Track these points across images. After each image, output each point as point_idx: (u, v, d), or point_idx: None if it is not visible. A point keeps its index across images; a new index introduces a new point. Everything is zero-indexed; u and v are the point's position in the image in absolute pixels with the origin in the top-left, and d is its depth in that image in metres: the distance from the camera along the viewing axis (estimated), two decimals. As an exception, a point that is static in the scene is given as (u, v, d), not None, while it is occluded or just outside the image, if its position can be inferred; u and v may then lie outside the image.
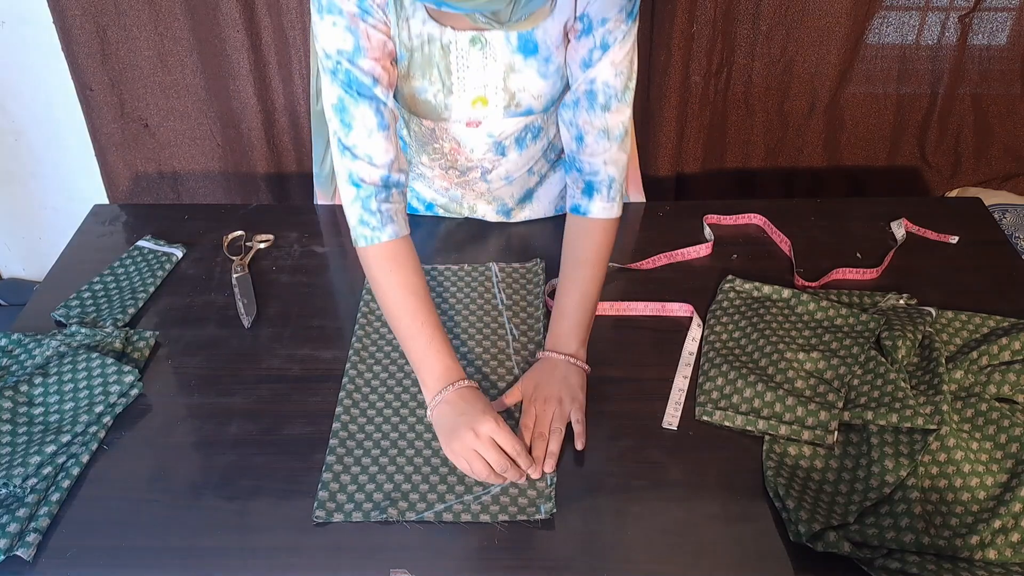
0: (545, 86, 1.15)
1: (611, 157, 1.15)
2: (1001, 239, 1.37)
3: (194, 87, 1.83)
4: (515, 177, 1.33)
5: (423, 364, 1.07)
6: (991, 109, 1.87)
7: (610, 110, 1.12)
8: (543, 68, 1.12)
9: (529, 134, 1.25)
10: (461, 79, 1.12)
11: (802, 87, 1.84)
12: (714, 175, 1.97)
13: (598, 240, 1.18)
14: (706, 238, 1.38)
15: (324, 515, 0.98)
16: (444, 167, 1.29)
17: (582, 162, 1.16)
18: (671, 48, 1.74)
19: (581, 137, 1.15)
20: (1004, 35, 1.80)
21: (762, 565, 0.93)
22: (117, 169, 1.94)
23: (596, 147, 1.14)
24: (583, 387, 1.10)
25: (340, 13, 1.03)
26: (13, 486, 0.98)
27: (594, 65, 1.10)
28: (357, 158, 1.08)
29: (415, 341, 1.07)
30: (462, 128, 1.19)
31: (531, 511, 0.98)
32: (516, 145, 1.26)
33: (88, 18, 1.73)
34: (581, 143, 1.15)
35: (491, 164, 1.28)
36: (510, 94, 1.15)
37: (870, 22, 1.77)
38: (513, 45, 1.10)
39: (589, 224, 1.18)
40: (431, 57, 1.11)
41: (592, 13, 1.07)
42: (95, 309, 1.26)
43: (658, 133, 1.85)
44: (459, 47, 1.10)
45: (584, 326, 1.14)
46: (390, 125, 1.09)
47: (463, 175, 1.31)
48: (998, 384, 1.09)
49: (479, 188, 1.34)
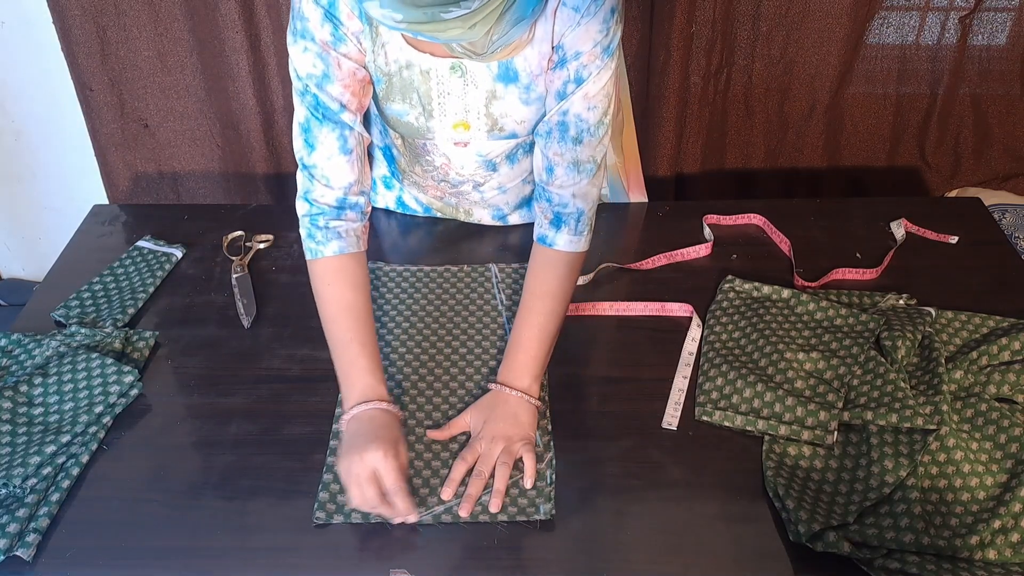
0: (528, 112, 1.13)
1: (580, 191, 1.12)
2: (1001, 239, 1.38)
3: (194, 87, 1.83)
4: (509, 187, 1.32)
5: (345, 379, 1.06)
6: (991, 109, 1.87)
7: (581, 143, 1.09)
8: (524, 95, 1.11)
9: (520, 150, 1.23)
10: (441, 104, 1.12)
11: (802, 88, 1.84)
12: (714, 175, 1.97)
13: (561, 273, 1.14)
14: (706, 238, 1.38)
15: (324, 516, 0.98)
16: (436, 179, 1.29)
17: (551, 193, 1.13)
18: (670, 48, 1.74)
19: (551, 168, 1.12)
20: (1004, 35, 1.80)
21: (762, 565, 0.93)
22: (117, 169, 1.94)
23: (566, 179, 1.11)
24: (534, 425, 1.07)
25: (313, 40, 1.03)
26: (13, 486, 0.98)
27: (568, 97, 1.07)
28: (315, 178, 1.10)
29: (341, 355, 1.07)
30: (450, 146, 1.19)
31: (531, 511, 0.98)
32: (507, 161, 1.24)
33: (88, 18, 1.73)
34: (551, 174, 1.12)
35: (483, 179, 1.27)
36: (492, 119, 1.14)
37: (870, 23, 1.77)
38: (493, 73, 1.09)
39: (554, 256, 1.14)
40: (410, 81, 1.10)
41: (567, 45, 1.04)
42: (95, 309, 1.26)
43: (657, 133, 1.85)
44: (439, 74, 1.09)
45: (540, 361, 1.10)
46: (354, 149, 1.09)
47: (455, 187, 1.30)
48: (998, 384, 1.09)
49: (473, 197, 1.34)
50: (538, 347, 1.11)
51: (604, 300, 1.24)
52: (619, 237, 1.42)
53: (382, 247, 1.41)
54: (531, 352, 1.10)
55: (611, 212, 1.50)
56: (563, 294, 1.14)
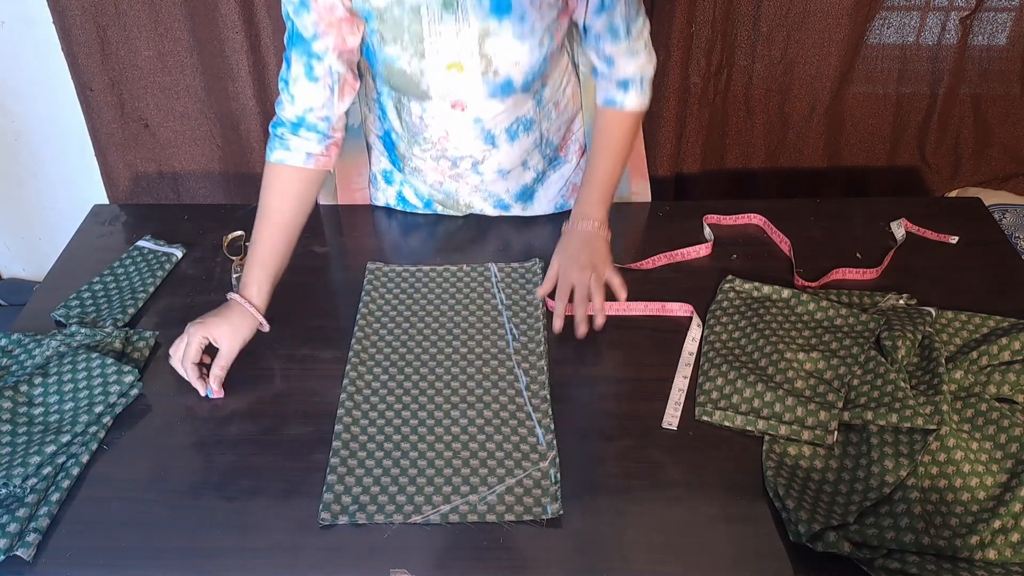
0: (523, 51, 1.16)
1: (640, 65, 1.24)
2: (1001, 239, 1.37)
3: (194, 88, 1.83)
4: (508, 171, 1.34)
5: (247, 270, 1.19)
6: (991, 110, 1.87)
7: (631, 35, 1.20)
8: (518, 28, 1.14)
9: (520, 126, 1.27)
10: (433, 44, 1.15)
11: (802, 88, 1.84)
12: (714, 175, 1.97)
13: (627, 127, 1.27)
14: (706, 238, 1.38)
15: (330, 517, 0.98)
16: (435, 157, 1.31)
17: (616, 72, 1.24)
18: (670, 49, 1.74)
19: (611, 60, 1.23)
20: (1004, 36, 1.80)
21: (762, 565, 0.93)
22: (117, 169, 1.94)
23: (627, 67, 1.23)
24: (609, 251, 1.24)
25: None
26: (13, 486, 0.98)
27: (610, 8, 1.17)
28: (282, 92, 1.20)
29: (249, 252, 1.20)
30: (447, 110, 1.21)
31: (537, 511, 0.98)
32: (507, 136, 1.28)
33: (88, 18, 1.73)
34: (612, 66, 1.23)
35: (481, 155, 1.29)
36: (486, 59, 1.16)
37: (870, 23, 1.77)
38: (486, 7, 1.11)
39: (621, 115, 1.27)
40: (400, 21, 1.13)
41: None
42: (95, 309, 1.26)
43: (657, 133, 1.85)
44: (431, 11, 1.12)
45: (610, 196, 1.28)
46: (321, 79, 1.16)
47: (454, 166, 1.32)
48: (998, 384, 1.09)
49: (472, 181, 1.35)
50: (609, 187, 1.28)
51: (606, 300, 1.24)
52: (619, 237, 1.41)
53: (382, 247, 1.41)
54: (605, 191, 1.27)
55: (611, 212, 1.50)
56: (627, 148, 1.29)
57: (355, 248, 1.39)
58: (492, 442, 1.06)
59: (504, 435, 1.07)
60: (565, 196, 1.45)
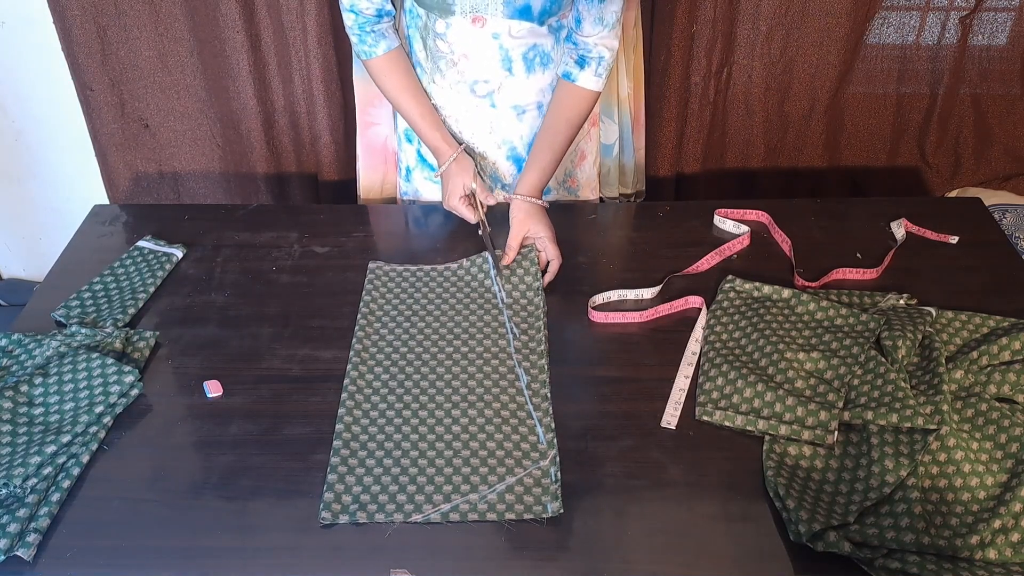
0: None
1: (602, 40, 1.30)
2: (1001, 239, 1.38)
3: (194, 87, 1.83)
4: (525, 108, 1.40)
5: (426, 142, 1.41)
6: (991, 109, 1.87)
7: (604, 2, 1.26)
8: None
9: (537, 57, 1.36)
10: None
11: (802, 87, 1.84)
12: (714, 175, 1.97)
13: (580, 107, 1.35)
14: (731, 232, 1.39)
15: (330, 517, 0.98)
16: (455, 82, 1.38)
17: (578, 41, 1.31)
18: (671, 48, 1.74)
19: (579, 20, 1.30)
20: (1004, 35, 1.80)
21: (762, 565, 0.93)
22: (117, 169, 1.94)
23: (591, 31, 1.29)
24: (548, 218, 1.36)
25: None
26: (13, 486, 0.98)
27: None
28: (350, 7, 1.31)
29: (415, 127, 1.40)
30: (468, 27, 1.31)
31: (538, 510, 0.98)
32: (524, 64, 1.35)
33: (88, 18, 1.73)
34: (579, 25, 1.30)
35: (499, 82, 1.37)
36: None
37: (870, 23, 1.77)
38: None
39: (575, 91, 1.34)
40: None
41: None
42: (95, 309, 1.26)
43: (658, 133, 1.85)
44: None
45: (550, 176, 1.38)
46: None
47: (473, 91, 1.38)
48: (998, 384, 1.09)
49: (488, 116, 1.40)
50: (551, 166, 1.37)
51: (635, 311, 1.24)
52: (620, 237, 1.42)
53: (383, 247, 1.41)
54: (548, 171, 1.36)
55: (611, 212, 1.50)
56: (576, 125, 1.36)
57: (355, 248, 1.40)
58: (493, 441, 1.06)
59: (505, 434, 1.07)
60: (574, 163, 1.51)
